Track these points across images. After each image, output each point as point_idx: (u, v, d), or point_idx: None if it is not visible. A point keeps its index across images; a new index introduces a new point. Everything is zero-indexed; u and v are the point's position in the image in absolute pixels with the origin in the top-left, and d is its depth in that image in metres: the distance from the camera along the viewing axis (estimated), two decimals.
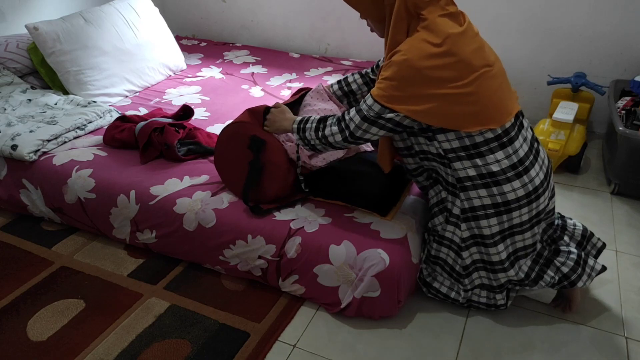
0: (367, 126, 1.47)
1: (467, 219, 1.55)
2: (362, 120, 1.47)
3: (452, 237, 1.62)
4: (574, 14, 2.70)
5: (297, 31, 3.43)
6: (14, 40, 2.65)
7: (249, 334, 1.63)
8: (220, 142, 1.82)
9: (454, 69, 1.39)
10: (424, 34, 1.39)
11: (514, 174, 1.48)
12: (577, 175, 2.52)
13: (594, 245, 1.79)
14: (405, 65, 1.38)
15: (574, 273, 1.61)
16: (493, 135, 1.46)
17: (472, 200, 1.52)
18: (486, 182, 1.49)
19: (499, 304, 1.66)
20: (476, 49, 1.43)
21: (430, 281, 1.71)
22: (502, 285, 1.64)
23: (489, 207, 1.51)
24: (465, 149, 1.47)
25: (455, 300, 1.69)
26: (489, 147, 1.46)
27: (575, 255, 1.63)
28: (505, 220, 1.52)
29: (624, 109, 2.40)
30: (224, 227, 1.77)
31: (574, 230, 1.77)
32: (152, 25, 2.92)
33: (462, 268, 1.63)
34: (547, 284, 1.62)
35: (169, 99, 2.68)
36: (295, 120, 1.66)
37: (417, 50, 1.38)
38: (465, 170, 1.50)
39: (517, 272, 1.60)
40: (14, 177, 2.13)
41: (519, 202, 1.50)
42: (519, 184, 1.48)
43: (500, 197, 1.49)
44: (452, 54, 1.38)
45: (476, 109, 1.42)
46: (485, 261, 1.60)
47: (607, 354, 1.57)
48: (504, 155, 1.47)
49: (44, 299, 1.77)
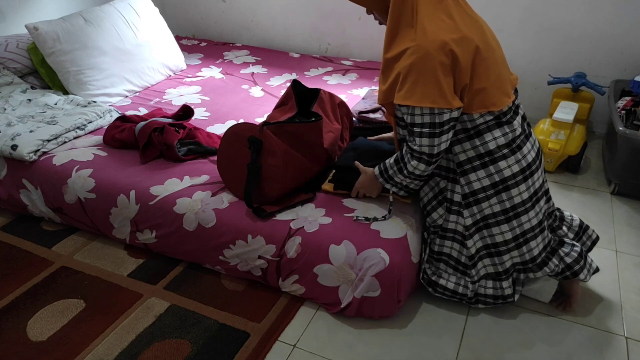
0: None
1: (469, 204, 1.58)
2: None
3: (456, 227, 1.64)
4: (574, 14, 2.70)
5: (297, 31, 3.43)
6: (14, 40, 2.65)
7: (249, 334, 1.63)
8: (222, 145, 1.82)
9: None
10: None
11: (508, 150, 1.52)
12: (577, 175, 2.52)
13: (589, 236, 1.82)
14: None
15: (577, 264, 1.65)
16: (492, 117, 1.51)
17: (472, 184, 1.56)
18: (484, 161, 1.53)
19: (506, 294, 1.66)
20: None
21: (435, 279, 1.71)
22: (508, 271, 1.65)
23: (489, 188, 1.55)
24: (465, 131, 1.52)
25: (463, 295, 1.69)
26: (487, 126, 1.51)
27: (578, 248, 1.68)
28: (506, 199, 1.55)
29: (624, 109, 2.40)
30: (224, 227, 1.77)
31: (572, 221, 1.81)
32: (152, 25, 2.92)
33: (468, 258, 1.64)
34: (551, 270, 1.64)
35: (169, 99, 2.68)
36: (376, 175, 1.68)
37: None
38: (465, 152, 1.54)
39: (523, 254, 1.62)
40: (14, 177, 2.13)
41: (515, 178, 1.53)
42: (514, 160, 1.53)
43: (498, 175, 1.53)
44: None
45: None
46: (490, 245, 1.62)
47: (607, 354, 1.57)
48: (501, 133, 1.52)
49: (44, 299, 1.77)
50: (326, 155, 1.90)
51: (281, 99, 2.07)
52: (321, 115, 1.92)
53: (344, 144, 2.08)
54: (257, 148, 1.74)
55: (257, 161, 1.74)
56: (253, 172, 1.75)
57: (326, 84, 2.82)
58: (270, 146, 1.73)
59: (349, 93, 2.66)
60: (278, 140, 1.75)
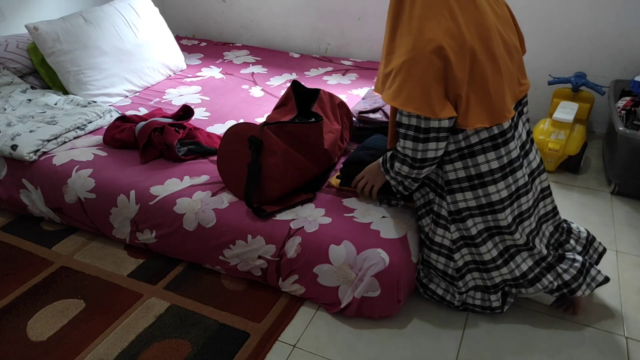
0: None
1: (454, 221, 1.57)
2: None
3: (442, 242, 1.62)
4: (575, 14, 2.70)
5: (297, 31, 3.43)
6: (14, 40, 2.65)
7: (249, 334, 1.63)
8: (222, 145, 1.82)
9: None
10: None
11: (500, 175, 1.48)
12: (577, 175, 2.52)
13: (595, 249, 1.79)
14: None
15: (574, 281, 1.61)
16: (488, 135, 1.45)
17: (457, 203, 1.54)
18: (473, 184, 1.49)
19: (494, 306, 1.66)
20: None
21: (426, 282, 1.71)
22: (497, 286, 1.63)
23: (474, 209, 1.53)
24: (459, 150, 1.48)
25: (450, 302, 1.69)
26: (482, 147, 1.46)
27: (579, 264, 1.62)
28: (491, 220, 1.54)
29: (624, 109, 2.40)
30: (223, 227, 1.77)
31: (579, 234, 1.78)
32: (152, 25, 2.92)
33: (455, 271, 1.63)
34: (544, 287, 1.61)
35: (169, 99, 2.68)
36: (380, 163, 1.66)
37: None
38: (456, 172, 1.50)
39: (512, 270, 1.60)
40: (14, 177, 2.13)
41: (502, 203, 1.51)
42: (504, 185, 1.49)
43: (485, 198, 1.50)
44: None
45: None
46: (478, 261, 1.61)
47: (607, 354, 1.57)
48: (496, 156, 1.46)
49: (44, 299, 1.77)
50: (326, 155, 1.90)
51: (280, 100, 2.07)
52: (322, 116, 1.92)
53: (344, 144, 2.08)
54: (257, 148, 1.74)
55: (257, 161, 1.74)
56: (253, 172, 1.75)
57: (326, 84, 2.82)
58: (271, 146, 1.73)
59: (349, 93, 2.66)
60: (278, 140, 1.75)
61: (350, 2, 3.18)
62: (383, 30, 3.16)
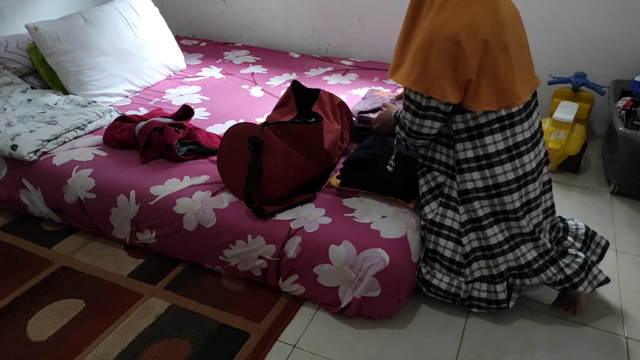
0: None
1: (463, 201, 1.60)
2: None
3: (452, 225, 1.64)
4: (574, 14, 2.70)
5: (297, 31, 3.43)
6: (14, 40, 2.65)
7: (249, 334, 1.63)
8: (222, 145, 1.82)
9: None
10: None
11: (507, 157, 1.53)
12: (577, 175, 2.52)
13: (597, 243, 1.80)
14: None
15: (576, 276, 1.62)
16: (496, 117, 1.50)
17: (466, 183, 1.57)
18: (480, 164, 1.54)
19: (500, 298, 1.65)
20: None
21: (429, 279, 1.71)
22: (502, 274, 1.64)
23: (481, 190, 1.56)
24: (468, 130, 1.52)
25: (456, 296, 1.69)
26: (490, 128, 1.51)
27: (581, 260, 1.64)
28: (497, 203, 1.57)
29: (624, 109, 2.40)
30: (224, 227, 1.77)
31: (577, 230, 1.78)
32: (152, 25, 2.92)
33: (463, 256, 1.64)
34: (548, 278, 1.63)
35: (169, 99, 2.68)
36: (393, 114, 1.73)
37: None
38: (465, 151, 1.55)
39: (518, 258, 1.62)
40: (14, 177, 2.13)
41: (509, 185, 1.54)
42: (510, 167, 1.53)
43: (492, 179, 1.54)
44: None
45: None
46: (484, 247, 1.62)
47: (608, 354, 1.57)
48: (502, 137, 1.51)
49: (44, 299, 1.77)
50: (326, 155, 1.90)
51: (280, 100, 2.07)
52: (322, 116, 1.92)
53: (344, 144, 2.08)
54: (257, 148, 1.74)
55: (257, 161, 1.74)
56: (253, 172, 1.75)
57: (326, 84, 2.82)
58: (271, 146, 1.73)
59: (349, 93, 2.66)
60: (278, 140, 1.75)
61: (350, 2, 3.18)
62: (383, 30, 3.16)
